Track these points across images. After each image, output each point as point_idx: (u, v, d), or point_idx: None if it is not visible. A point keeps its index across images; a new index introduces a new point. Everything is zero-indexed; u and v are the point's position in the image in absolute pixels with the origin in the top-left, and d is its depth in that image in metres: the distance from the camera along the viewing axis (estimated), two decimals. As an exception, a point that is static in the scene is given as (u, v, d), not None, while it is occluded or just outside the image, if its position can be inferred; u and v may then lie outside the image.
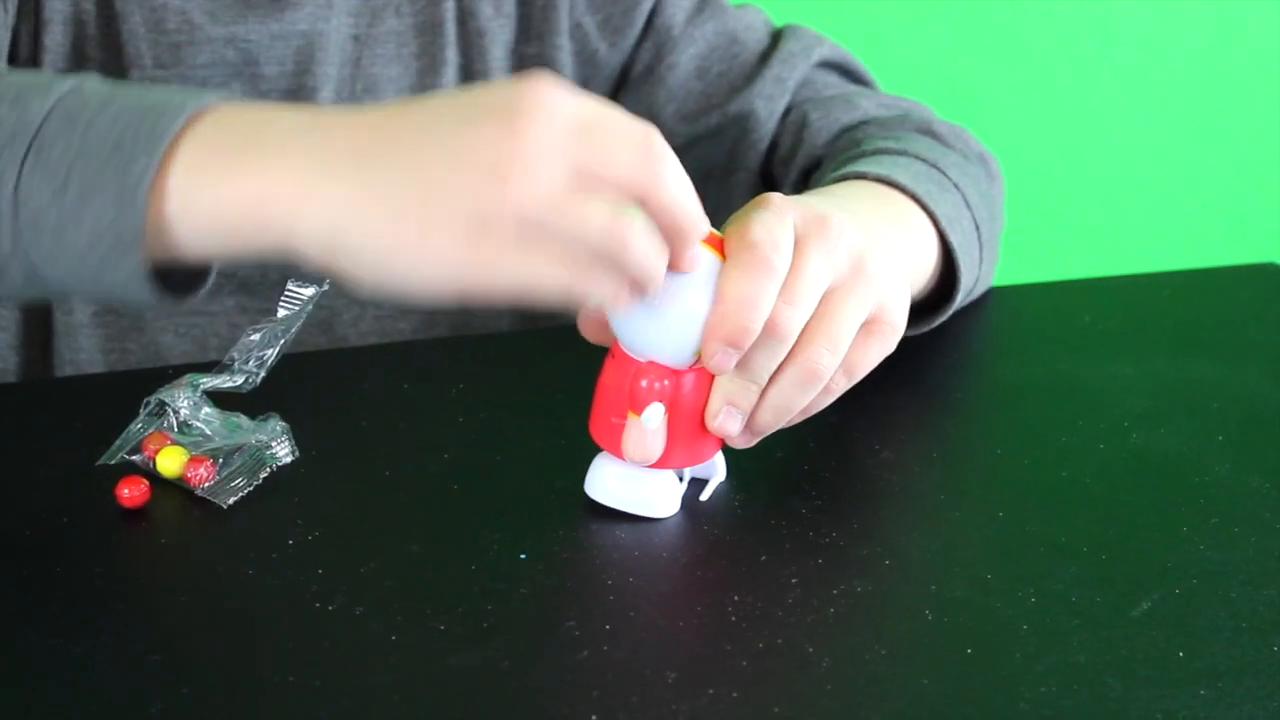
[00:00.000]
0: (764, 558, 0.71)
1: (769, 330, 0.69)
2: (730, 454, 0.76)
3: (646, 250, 0.63)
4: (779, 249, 0.69)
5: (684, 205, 0.64)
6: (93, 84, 0.66)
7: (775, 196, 0.72)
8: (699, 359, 0.70)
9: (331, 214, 0.61)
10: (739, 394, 0.71)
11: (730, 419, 0.71)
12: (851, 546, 0.72)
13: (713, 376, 0.71)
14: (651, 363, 0.71)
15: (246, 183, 0.62)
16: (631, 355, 0.71)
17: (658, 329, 0.69)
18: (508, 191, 0.60)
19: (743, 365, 0.70)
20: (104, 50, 0.95)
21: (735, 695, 0.62)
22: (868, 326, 0.72)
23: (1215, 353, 0.93)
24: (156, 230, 0.63)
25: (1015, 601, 0.68)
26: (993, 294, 0.99)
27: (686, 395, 0.71)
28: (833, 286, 0.71)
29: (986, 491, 0.79)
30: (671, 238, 0.65)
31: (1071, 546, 0.72)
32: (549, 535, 0.71)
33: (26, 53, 0.93)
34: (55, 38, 0.93)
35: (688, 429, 0.71)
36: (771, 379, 0.71)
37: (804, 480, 0.78)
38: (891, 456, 0.82)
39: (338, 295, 1.01)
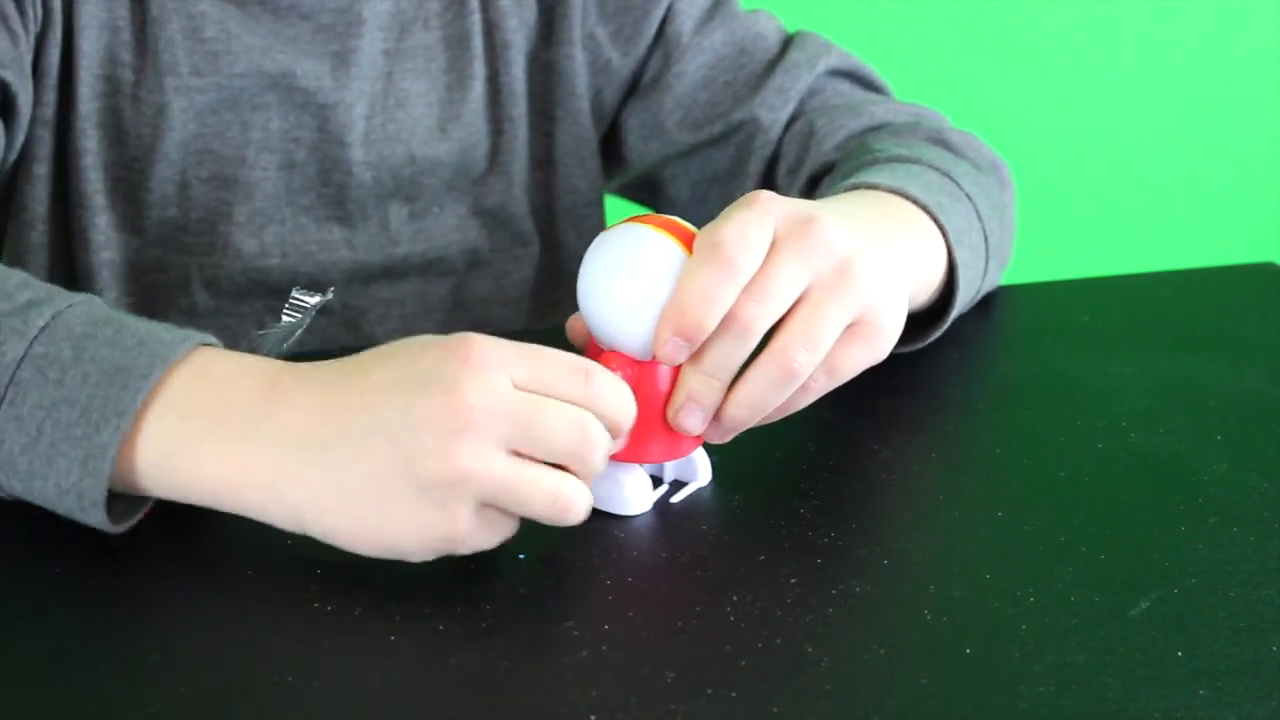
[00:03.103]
0: (763, 558, 0.71)
1: (730, 324, 0.69)
2: (729, 454, 0.76)
3: (583, 497, 0.67)
4: (747, 248, 0.69)
5: (619, 413, 0.68)
6: (66, 319, 0.67)
7: (764, 195, 0.72)
8: None
9: (295, 508, 0.66)
10: (701, 389, 0.71)
11: (691, 414, 0.71)
12: (850, 546, 0.72)
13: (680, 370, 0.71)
14: (615, 352, 0.71)
15: (211, 473, 0.66)
16: (599, 344, 0.72)
17: (619, 319, 0.70)
18: (456, 463, 0.63)
19: (703, 360, 0.70)
20: (138, 56, 0.95)
21: (734, 695, 0.62)
22: (853, 329, 0.72)
23: (1214, 352, 0.93)
24: (127, 485, 0.67)
25: (1014, 601, 0.68)
26: (992, 294, 0.99)
27: (652, 388, 0.71)
28: (814, 287, 0.71)
29: (986, 491, 0.79)
30: (611, 430, 0.68)
31: (1070, 546, 0.73)
32: (548, 535, 0.71)
33: (59, 59, 0.93)
34: (90, 42, 0.94)
35: (656, 423, 0.72)
36: (746, 375, 0.71)
37: (803, 480, 0.78)
38: (891, 456, 0.82)
39: (362, 295, 1.02)
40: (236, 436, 0.65)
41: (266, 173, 0.98)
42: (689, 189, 1.09)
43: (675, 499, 0.75)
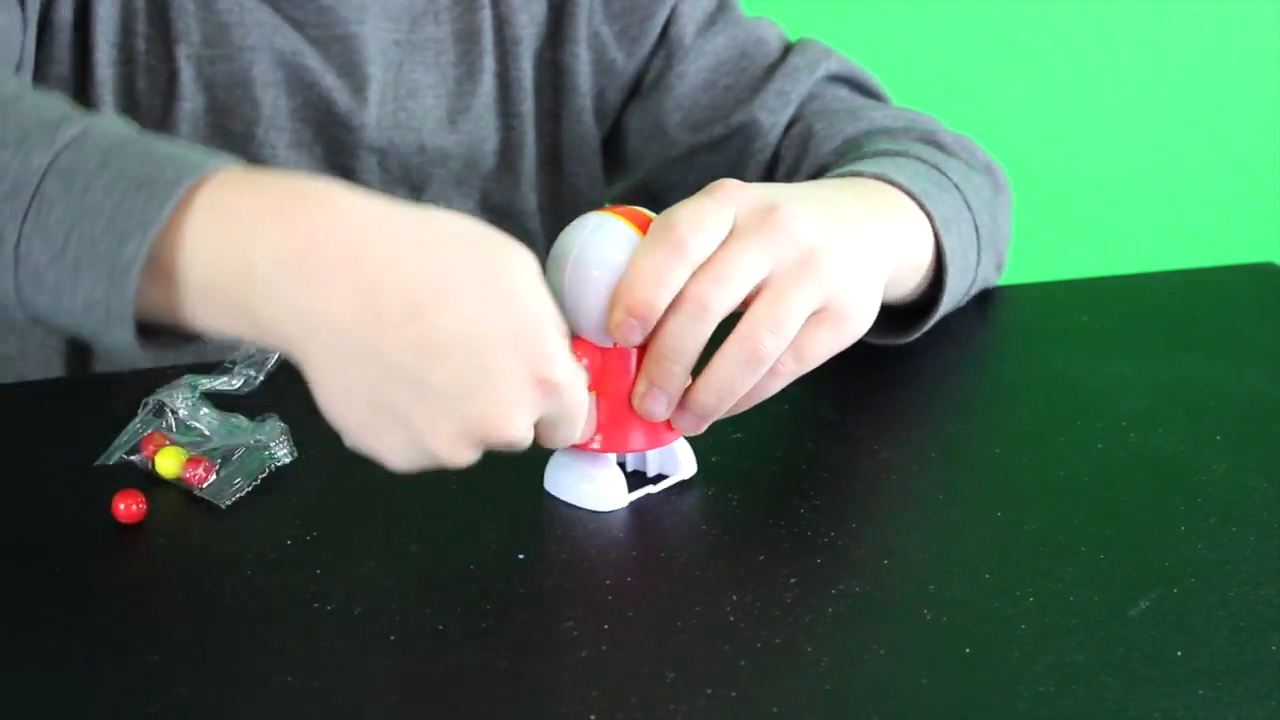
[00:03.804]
0: (762, 558, 0.71)
1: (683, 303, 0.69)
2: (729, 453, 0.76)
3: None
4: (699, 230, 0.70)
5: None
6: (95, 134, 0.65)
7: (728, 183, 0.73)
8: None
9: (305, 369, 0.64)
10: (661, 375, 0.71)
11: (655, 400, 0.71)
12: (850, 546, 0.72)
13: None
14: (583, 340, 0.71)
15: (241, 324, 0.64)
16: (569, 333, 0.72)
17: (579, 305, 0.70)
18: (462, 459, 0.64)
19: (660, 341, 0.70)
20: (151, 24, 0.95)
21: (733, 695, 0.62)
22: (819, 315, 0.72)
23: (1213, 352, 0.93)
24: (153, 306, 0.64)
25: (1014, 601, 0.68)
26: (991, 294, 0.99)
27: (622, 376, 0.71)
28: (776, 274, 0.71)
29: (985, 491, 0.79)
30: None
31: (1070, 546, 0.73)
32: (548, 535, 0.71)
33: (72, 18, 0.93)
34: (106, 9, 0.93)
35: (630, 411, 0.72)
36: (712, 360, 0.71)
37: (802, 480, 0.78)
38: (890, 456, 0.82)
39: None
40: (260, 298, 0.63)
41: (275, 151, 0.98)
42: (688, 195, 1.08)
43: (656, 489, 0.75)
